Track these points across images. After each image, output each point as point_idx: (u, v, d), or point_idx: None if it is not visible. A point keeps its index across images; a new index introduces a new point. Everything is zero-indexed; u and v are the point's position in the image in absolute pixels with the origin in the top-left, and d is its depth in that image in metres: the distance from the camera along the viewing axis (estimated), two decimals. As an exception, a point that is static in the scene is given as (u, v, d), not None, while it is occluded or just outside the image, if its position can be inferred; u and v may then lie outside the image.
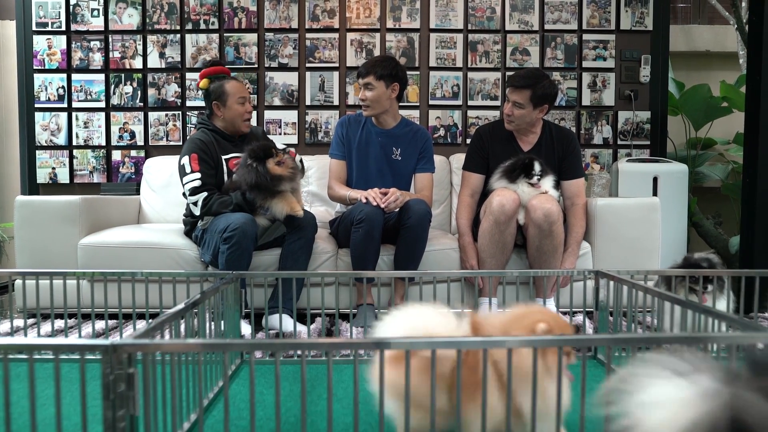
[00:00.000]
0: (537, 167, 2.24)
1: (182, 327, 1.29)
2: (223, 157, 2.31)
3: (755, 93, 2.58)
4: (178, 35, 3.39)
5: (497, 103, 3.44)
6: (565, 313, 2.31)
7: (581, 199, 2.40)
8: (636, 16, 3.45)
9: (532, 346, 0.94)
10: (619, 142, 3.48)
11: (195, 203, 2.19)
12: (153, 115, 3.42)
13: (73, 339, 1.09)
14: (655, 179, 3.14)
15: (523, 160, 2.26)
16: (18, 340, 0.95)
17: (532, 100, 2.31)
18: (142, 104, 3.41)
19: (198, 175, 2.19)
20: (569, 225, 2.36)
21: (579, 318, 2.26)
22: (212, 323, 1.49)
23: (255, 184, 2.09)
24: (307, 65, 3.41)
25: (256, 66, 3.40)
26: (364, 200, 2.18)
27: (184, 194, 2.28)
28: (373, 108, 2.39)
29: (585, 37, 3.45)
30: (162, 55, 3.40)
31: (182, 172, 2.23)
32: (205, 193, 2.17)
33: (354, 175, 2.46)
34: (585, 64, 3.45)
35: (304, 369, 0.94)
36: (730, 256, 3.63)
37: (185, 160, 2.22)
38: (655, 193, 3.12)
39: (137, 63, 3.40)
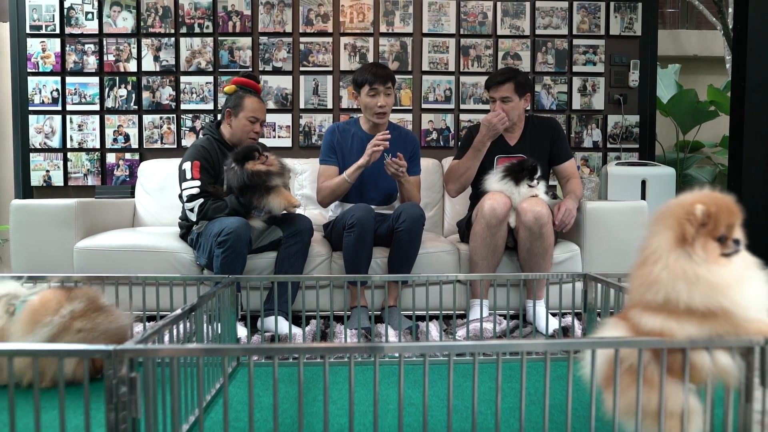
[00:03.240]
0: (539, 171, 2.32)
1: (181, 331, 1.32)
2: (225, 168, 2.33)
3: (740, 99, 2.65)
4: (173, 39, 3.41)
5: (489, 106, 3.49)
6: (554, 315, 2.35)
7: (576, 176, 2.55)
8: (625, 22, 3.50)
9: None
10: (609, 146, 3.54)
11: (192, 209, 2.21)
12: (147, 118, 3.43)
13: (76, 344, 1.11)
14: (643, 182, 3.20)
15: (531, 163, 2.32)
16: (23, 345, 0.98)
17: (517, 90, 2.42)
18: (136, 107, 3.43)
19: (197, 183, 2.21)
20: (568, 190, 2.50)
21: (568, 319, 2.30)
22: (209, 326, 1.52)
23: (242, 186, 2.13)
24: (301, 69, 3.44)
25: (250, 70, 3.42)
26: (368, 156, 2.26)
27: (180, 197, 2.30)
28: (388, 115, 2.45)
29: (575, 42, 3.50)
30: (156, 59, 3.41)
31: (182, 177, 2.25)
32: (201, 200, 2.20)
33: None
34: (575, 68, 3.50)
35: (301, 372, 0.98)
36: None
37: (187, 165, 2.24)
38: (643, 197, 3.18)
39: (132, 66, 3.41)
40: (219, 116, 2.44)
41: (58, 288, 1.56)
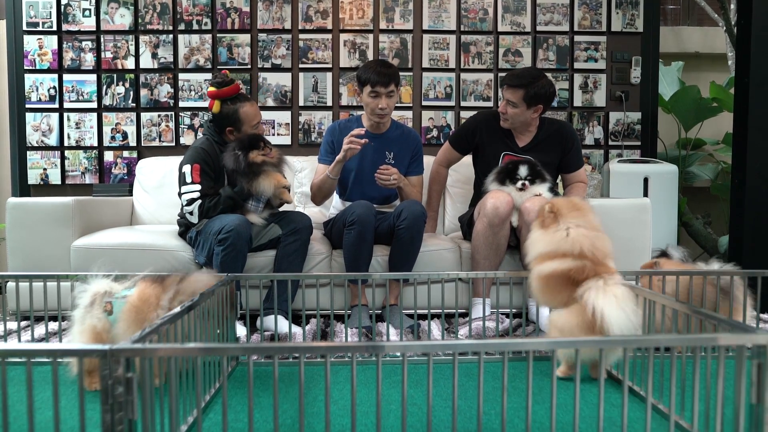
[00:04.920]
0: (523, 171, 2.24)
1: (179, 330, 1.30)
2: (226, 150, 2.29)
3: (743, 95, 2.62)
4: (171, 36, 3.38)
5: (490, 104, 3.46)
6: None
7: (583, 180, 2.57)
8: (627, 18, 3.48)
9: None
10: (611, 143, 3.51)
11: (191, 213, 2.19)
12: (145, 116, 3.40)
13: (71, 344, 1.09)
14: (645, 180, 3.17)
15: (508, 164, 2.30)
16: (16, 345, 0.95)
17: (526, 99, 2.34)
18: (134, 105, 3.40)
19: (198, 186, 2.18)
20: (567, 192, 2.52)
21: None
22: (208, 326, 1.50)
23: (236, 171, 2.14)
24: (301, 66, 3.41)
25: (249, 67, 3.40)
26: (343, 152, 2.22)
27: (179, 194, 2.28)
28: (389, 115, 2.43)
29: (576, 38, 3.47)
30: (154, 56, 3.38)
31: (182, 180, 2.22)
32: (199, 201, 2.17)
33: (350, 181, 2.47)
34: (576, 65, 3.48)
35: (302, 372, 0.96)
36: (720, 256, 3.67)
37: (187, 168, 2.21)
38: (645, 194, 3.15)
39: (129, 63, 3.39)
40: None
41: (149, 280, 1.47)
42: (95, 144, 3.40)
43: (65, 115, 3.39)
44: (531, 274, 1.56)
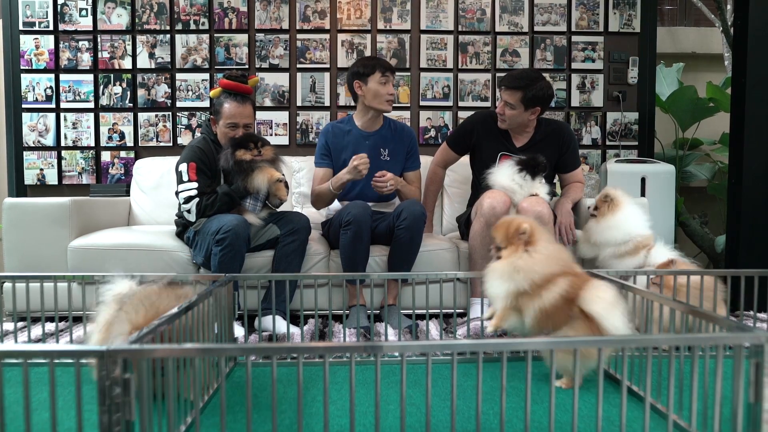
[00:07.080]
0: (542, 158, 2.31)
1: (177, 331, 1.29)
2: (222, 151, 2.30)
3: (740, 96, 2.63)
4: (168, 35, 3.37)
5: (487, 104, 3.46)
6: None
7: (580, 180, 2.57)
8: (624, 18, 3.49)
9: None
10: (608, 143, 3.52)
11: (189, 211, 2.19)
12: (143, 116, 3.39)
13: (68, 345, 1.09)
14: (643, 179, 3.18)
15: (544, 160, 2.31)
16: (12, 346, 0.95)
17: (523, 101, 2.34)
18: (131, 105, 3.39)
19: (195, 184, 2.18)
20: (564, 192, 2.52)
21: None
22: (206, 326, 1.49)
23: (227, 171, 2.17)
24: (298, 66, 3.41)
25: (246, 67, 3.39)
26: (354, 166, 2.21)
27: (176, 193, 2.27)
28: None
29: (574, 38, 3.48)
30: (152, 56, 3.37)
31: (179, 179, 2.22)
32: (197, 199, 2.17)
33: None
34: (574, 65, 3.48)
35: (301, 372, 0.95)
36: (716, 256, 3.68)
37: (183, 167, 2.21)
38: (643, 194, 3.16)
39: (126, 63, 3.38)
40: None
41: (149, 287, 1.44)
42: (92, 144, 3.39)
43: (62, 115, 3.38)
44: (527, 310, 1.44)
